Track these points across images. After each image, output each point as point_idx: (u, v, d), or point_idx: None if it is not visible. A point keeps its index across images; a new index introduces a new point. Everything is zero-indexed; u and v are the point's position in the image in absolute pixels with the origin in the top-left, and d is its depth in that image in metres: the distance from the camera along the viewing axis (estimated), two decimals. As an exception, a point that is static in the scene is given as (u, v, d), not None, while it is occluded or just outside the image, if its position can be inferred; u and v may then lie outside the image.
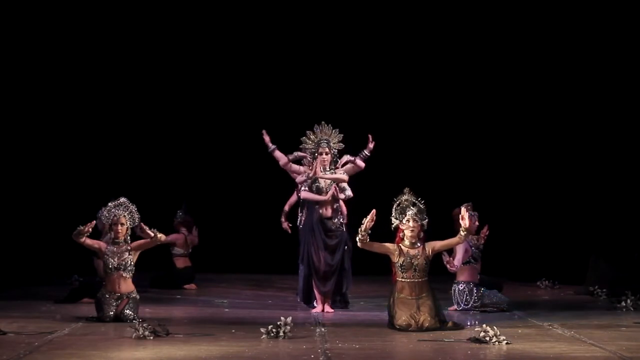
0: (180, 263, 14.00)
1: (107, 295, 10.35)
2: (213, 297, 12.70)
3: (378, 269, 12.68)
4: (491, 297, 11.46)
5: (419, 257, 9.94)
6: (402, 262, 9.92)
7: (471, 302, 11.42)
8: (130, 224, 10.51)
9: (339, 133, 11.60)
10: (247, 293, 13.35)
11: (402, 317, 9.75)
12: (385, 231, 10.12)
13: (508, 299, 11.63)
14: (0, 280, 13.03)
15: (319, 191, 11.41)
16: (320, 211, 11.41)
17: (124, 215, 10.49)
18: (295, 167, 11.70)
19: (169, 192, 15.13)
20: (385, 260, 10.48)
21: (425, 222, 10.04)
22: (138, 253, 10.49)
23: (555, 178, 15.27)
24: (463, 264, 11.51)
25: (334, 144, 11.53)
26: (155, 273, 13.73)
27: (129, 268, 10.44)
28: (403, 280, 9.95)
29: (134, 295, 10.40)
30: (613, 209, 14.56)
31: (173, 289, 13.53)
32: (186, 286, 13.79)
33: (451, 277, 11.68)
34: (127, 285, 10.43)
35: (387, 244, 10.05)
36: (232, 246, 15.69)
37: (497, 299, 11.49)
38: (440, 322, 9.80)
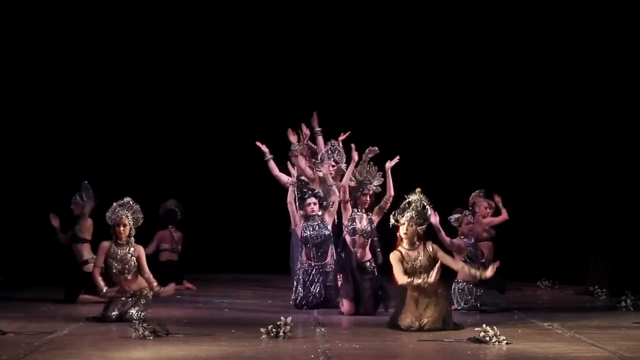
0: (164, 257, 13.83)
1: (119, 295, 10.32)
2: (213, 297, 12.70)
3: (378, 269, 12.68)
4: (491, 297, 11.46)
5: (420, 257, 9.89)
6: (407, 269, 9.85)
7: (471, 302, 11.42)
8: (133, 225, 10.48)
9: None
10: (247, 293, 13.35)
11: (407, 318, 9.65)
12: (387, 230, 10.15)
13: (507, 299, 11.62)
14: (0, 280, 13.03)
15: (354, 232, 11.32)
16: (358, 254, 11.32)
17: (127, 216, 10.45)
18: (283, 178, 12.22)
19: (169, 194, 15.13)
20: (384, 261, 10.48)
21: (421, 227, 9.96)
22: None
23: (555, 178, 15.26)
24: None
25: (374, 186, 11.52)
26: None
27: (133, 270, 10.42)
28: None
29: (145, 293, 10.35)
30: (613, 209, 14.55)
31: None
32: (187, 286, 13.70)
33: (451, 277, 11.67)
34: (137, 284, 10.38)
35: (396, 264, 9.88)
36: (232, 246, 15.67)
37: (496, 299, 11.49)
38: (444, 324, 9.69)
